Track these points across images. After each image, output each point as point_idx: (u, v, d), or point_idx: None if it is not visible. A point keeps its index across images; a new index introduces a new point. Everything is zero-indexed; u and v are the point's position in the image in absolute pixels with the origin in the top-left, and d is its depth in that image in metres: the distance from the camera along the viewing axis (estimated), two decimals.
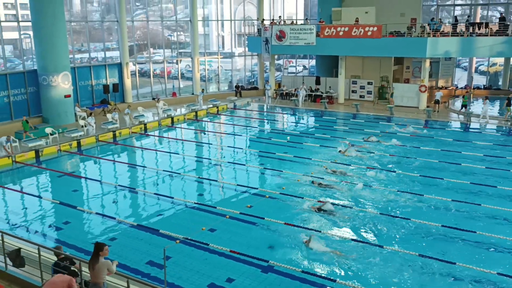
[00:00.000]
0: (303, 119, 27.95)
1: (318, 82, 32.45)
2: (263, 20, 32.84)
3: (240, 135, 23.11)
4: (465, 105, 26.00)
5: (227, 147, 20.99)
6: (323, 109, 28.79)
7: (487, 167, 17.00)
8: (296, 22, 34.20)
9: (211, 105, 28.99)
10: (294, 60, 41.13)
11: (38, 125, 22.27)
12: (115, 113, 23.73)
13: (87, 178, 17.08)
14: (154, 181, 16.45)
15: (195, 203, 14.01)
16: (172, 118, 25.68)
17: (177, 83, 32.76)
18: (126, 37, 28.59)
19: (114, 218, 13.05)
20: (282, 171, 16.74)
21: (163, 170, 17.41)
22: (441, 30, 26.95)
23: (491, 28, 26.31)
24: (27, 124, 20.94)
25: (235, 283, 9.67)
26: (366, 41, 27.87)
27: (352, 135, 21.85)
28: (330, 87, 31.30)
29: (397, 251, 10.83)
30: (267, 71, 34.99)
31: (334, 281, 9.72)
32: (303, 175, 16.15)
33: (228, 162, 18.49)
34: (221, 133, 24.31)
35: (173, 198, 14.48)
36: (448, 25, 28.85)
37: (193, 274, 10.02)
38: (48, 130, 20.82)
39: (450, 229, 11.98)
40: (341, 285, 9.59)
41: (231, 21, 35.19)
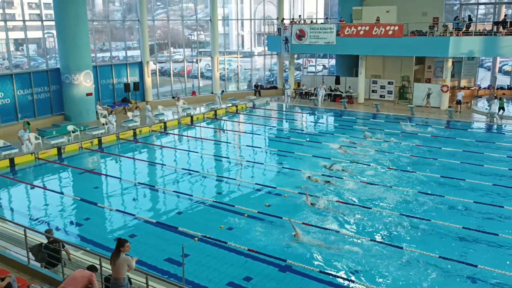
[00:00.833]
0: (322, 118, 27.82)
1: (337, 81, 32.24)
2: (283, 19, 32.76)
3: (258, 134, 23.12)
4: (502, 107, 24.94)
5: (246, 146, 21.02)
6: (342, 108, 28.60)
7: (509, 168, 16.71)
8: (316, 21, 34.06)
9: (230, 104, 29.06)
10: (313, 59, 40.91)
11: (60, 123, 22.63)
12: (136, 111, 24.02)
13: (107, 175, 17.29)
14: (173, 179, 16.60)
15: (214, 201, 14.08)
16: (191, 116, 25.84)
17: (197, 82, 32.96)
18: (147, 36, 28.87)
19: (133, 215, 13.19)
20: (300, 170, 16.68)
21: (182, 168, 17.54)
22: (468, 29, 26.23)
23: None
24: (29, 125, 20.70)
25: (252, 281, 9.68)
26: (387, 40, 27.56)
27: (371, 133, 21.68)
28: (350, 87, 31.06)
29: (417, 252, 10.69)
30: (287, 70, 34.93)
31: (353, 281, 9.66)
32: (321, 174, 16.08)
33: (246, 161, 18.52)
34: (240, 132, 24.35)
35: (192, 196, 14.58)
36: (478, 23, 27.98)
37: (211, 272, 10.06)
38: (70, 127, 21.18)
39: (471, 231, 11.78)
40: (360, 286, 9.53)
41: (251, 20, 35.21)
